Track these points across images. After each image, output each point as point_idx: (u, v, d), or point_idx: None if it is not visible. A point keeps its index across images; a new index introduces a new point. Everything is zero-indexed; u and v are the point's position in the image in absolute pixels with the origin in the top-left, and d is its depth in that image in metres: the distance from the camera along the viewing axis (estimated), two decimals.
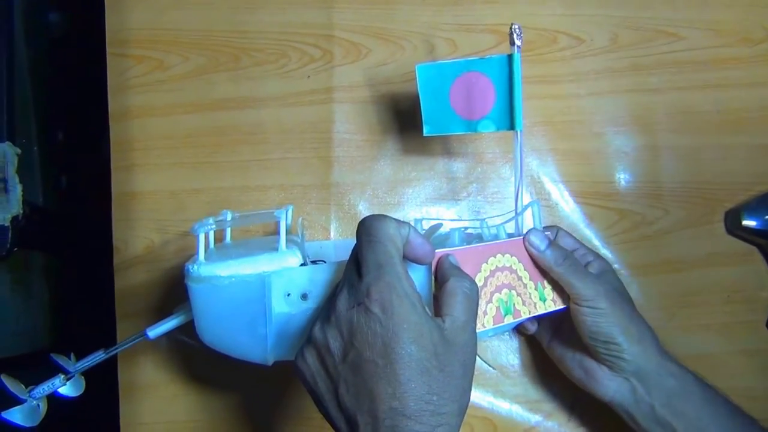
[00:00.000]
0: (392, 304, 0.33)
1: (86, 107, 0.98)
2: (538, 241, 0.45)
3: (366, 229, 0.37)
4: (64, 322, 0.94)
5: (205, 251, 0.43)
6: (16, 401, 0.45)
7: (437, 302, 0.38)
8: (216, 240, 0.49)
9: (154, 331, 0.44)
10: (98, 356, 0.48)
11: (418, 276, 0.39)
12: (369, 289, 0.34)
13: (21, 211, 0.74)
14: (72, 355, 0.48)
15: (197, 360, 0.56)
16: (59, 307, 0.93)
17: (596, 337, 0.45)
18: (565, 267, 0.45)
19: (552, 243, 0.46)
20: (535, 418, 0.56)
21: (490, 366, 0.57)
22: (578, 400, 0.56)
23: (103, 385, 0.54)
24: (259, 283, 0.41)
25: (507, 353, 0.57)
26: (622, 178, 0.59)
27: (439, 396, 0.33)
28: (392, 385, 0.32)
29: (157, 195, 0.57)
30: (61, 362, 0.47)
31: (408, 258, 0.38)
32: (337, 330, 0.35)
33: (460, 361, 0.35)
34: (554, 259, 0.45)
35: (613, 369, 0.47)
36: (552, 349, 0.52)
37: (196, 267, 0.41)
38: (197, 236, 0.42)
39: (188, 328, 0.46)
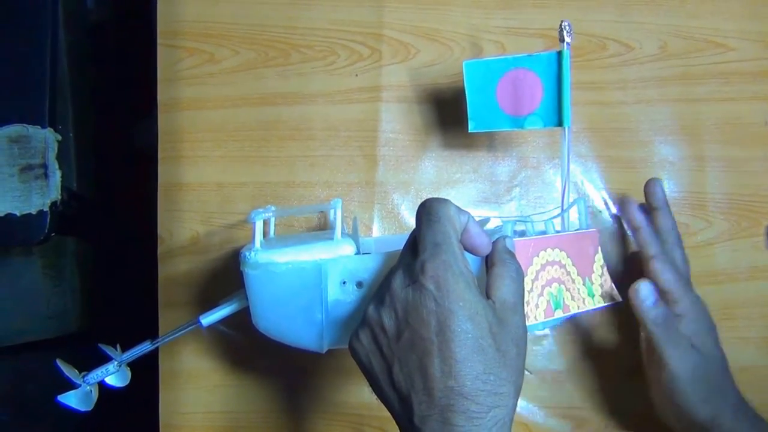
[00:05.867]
0: (447, 281, 0.33)
1: (122, 95, 0.99)
2: (646, 293, 0.46)
3: (426, 209, 0.37)
4: (95, 308, 0.95)
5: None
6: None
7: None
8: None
9: (208, 319, 0.45)
10: (145, 347, 0.48)
11: (472, 258, 0.40)
12: (424, 266, 0.34)
13: (59, 197, 0.75)
14: (118, 346, 0.49)
15: (238, 351, 0.57)
16: (90, 293, 0.94)
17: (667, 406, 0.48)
18: (662, 330, 0.46)
19: (658, 300, 0.47)
20: (570, 424, 0.56)
21: (527, 370, 0.57)
22: (615, 410, 0.56)
23: (144, 373, 0.54)
24: (315, 270, 0.41)
25: (544, 358, 0.57)
26: (667, 187, 0.59)
27: (496, 376, 0.33)
28: (448, 364, 0.32)
29: (203, 187, 0.57)
30: (108, 352, 0.47)
31: (464, 246, 0.38)
32: (392, 309, 0.35)
33: (513, 341, 0.35)
34: (654, 318, 0.46)
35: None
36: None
37: (252, 253, 0.41)
38: (254, 223, 0.42)
39: (230, 319, 0.47)
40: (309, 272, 0.41)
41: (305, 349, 0.43)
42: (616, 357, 0.57)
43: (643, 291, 0.46)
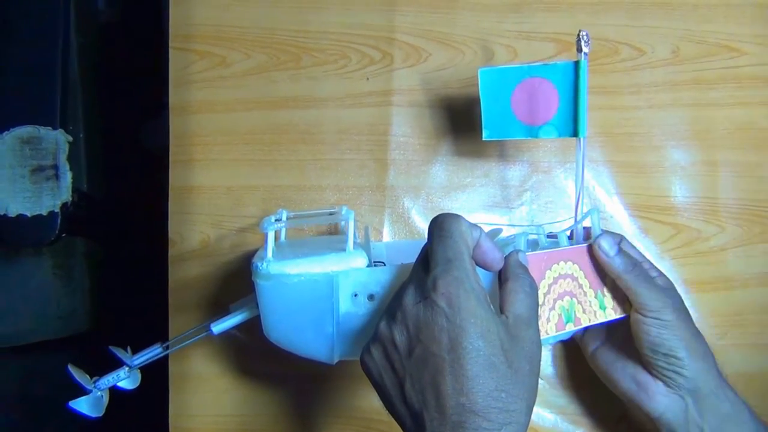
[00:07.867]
0: (459, 298, 0.33)
1: (133, 96, 0.99)
2: (608, 247, 0.45)
3: (438, 225, 0.37)
4: (104, 308, 0.96)
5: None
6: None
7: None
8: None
9: (218, 327, 0.45)
10: (156, 351, 0.48)
11: (484, 273, 0.40)
12: (436, 283, 0.34)
13: (70, 198, 0.76)
14: (128, 349, 0.49)
15: (248, 355, 0.57)
16: (99, 293, 0.95)
17: (657, 349, 0.44)
18: (633, 275, 0.44)
19: (621, 250, 0.45)
20: (579, 430, 0.56)
21: None
22: (624, 415, 0.56)
23: (154, 375, 0.54)
24: (327, 282, 0.41)
25: (554, 363, 0.57)
26: (679, 192, 0.58)
27: (507, 393, 0.33)
28: (459, 381, 0.32)
29: (214, 190, 0.57)
30: (119, 355, 0.48)
31: (476, 262, 0.38)
32: (403, 325, 0.35)
33: (526, 357, 0.35)
34: (623, 266, 0.44)
35: (669, 385, 0.45)
36: (597, 359, 0.50)
37: (265, 265, 0.41)
38: (266, 234, 0.42)
39: (239, 323, 0.47)
40: (321, 284, 0.41)
41: (316, 360, 0.43)
42: None
43: (605, 243, 0.45)
